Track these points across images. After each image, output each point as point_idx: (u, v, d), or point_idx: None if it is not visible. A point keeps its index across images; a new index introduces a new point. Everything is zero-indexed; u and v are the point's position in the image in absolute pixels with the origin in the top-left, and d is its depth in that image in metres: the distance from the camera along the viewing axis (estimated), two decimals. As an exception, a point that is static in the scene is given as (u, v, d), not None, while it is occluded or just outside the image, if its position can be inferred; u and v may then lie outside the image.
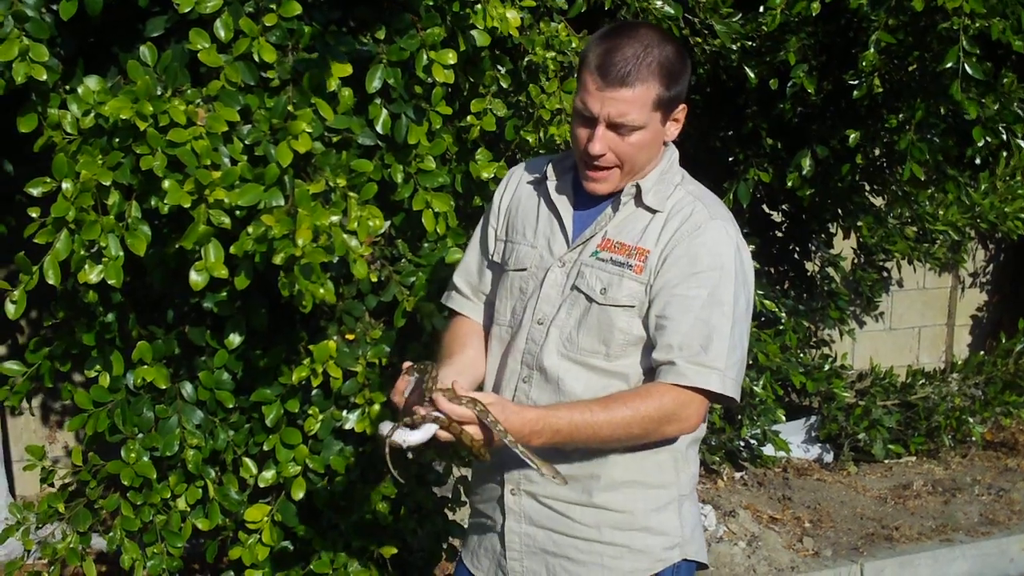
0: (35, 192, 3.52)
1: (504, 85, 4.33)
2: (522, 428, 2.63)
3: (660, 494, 2.90)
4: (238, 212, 3.49)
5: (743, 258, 2.82)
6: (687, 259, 2.76)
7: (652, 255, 2.79)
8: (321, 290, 3.47)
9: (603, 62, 2.72)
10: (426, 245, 4.24)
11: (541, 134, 4.39)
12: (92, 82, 3.60)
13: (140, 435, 4.03)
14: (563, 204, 2.94)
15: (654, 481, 2.89)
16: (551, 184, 2.98)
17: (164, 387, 4.02)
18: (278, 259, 3.35)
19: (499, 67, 4.33)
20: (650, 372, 2.79)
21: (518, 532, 2.96)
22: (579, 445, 2.75)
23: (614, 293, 2.80)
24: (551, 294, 2.89)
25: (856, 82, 5.51)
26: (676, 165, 2.93)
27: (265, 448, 4.12)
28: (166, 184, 3.41)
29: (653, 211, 2.84)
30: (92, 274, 3.46)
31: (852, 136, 5.87)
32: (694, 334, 2.71)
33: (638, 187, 2.85)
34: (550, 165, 3.00)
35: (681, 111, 2.84)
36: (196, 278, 3.49)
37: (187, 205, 3.42)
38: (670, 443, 2.86)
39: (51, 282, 3.45)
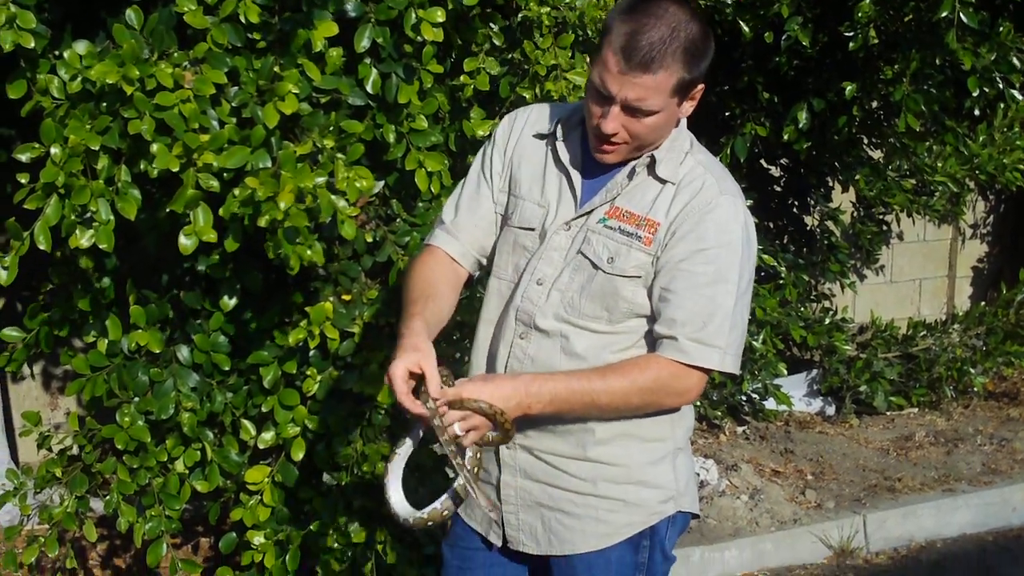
0: (23, 158, 3.52)
1: (497, 43, 4.31)
2: (514, 395, 2.64)
3: (655, 447, 2.90)
4: (225, 175, 3.49)
5: (749, 233, 2.80)
6: (695, 235, 2.73)
7: (661, 228, 2.76)
8: (308, 251, 3.48)
9: (628, 43, 2.63)
10: (420, 205, 4.24)
11: (537, 90, 4.37)
12: (80, 47, 3.59)
13: (136, 399, 4.04)
14: (572, 165, 2.91)
15: (649, 435, 2.89)
16: (560, 143, 2.93)
17: (158, 351, 4.03)
18: (263, 221, 3.35)
19: (491, 24, 4.31)
20: (650, 335, 2.79)
21: (513, 486, 2.96)
22: (578, 413, 2.75)
23: (621, 263, 2.78)
24: (553, 256, 2.87)
25: (852, 34, 5.49)
26: (684, 131, 2.89)
27: (264, 410, 4.12)
28: (154, 148, 3.41)
29: (663, 181, 2.81)
30: (83, 239, 3.45)
31: (848, 88, 5.85)
32: (698, 311, 2.71)
33: (652, 158, 2.82)
34: (559, 123, 2.95)
35: (699, 90, 2.77)
36: (185, 242, 3.50)
37: (175, 169, 3.42)
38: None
39: (42, 247, 3.45)
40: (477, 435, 2.64)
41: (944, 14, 5.03)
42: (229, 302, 4.02)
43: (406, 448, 2.79)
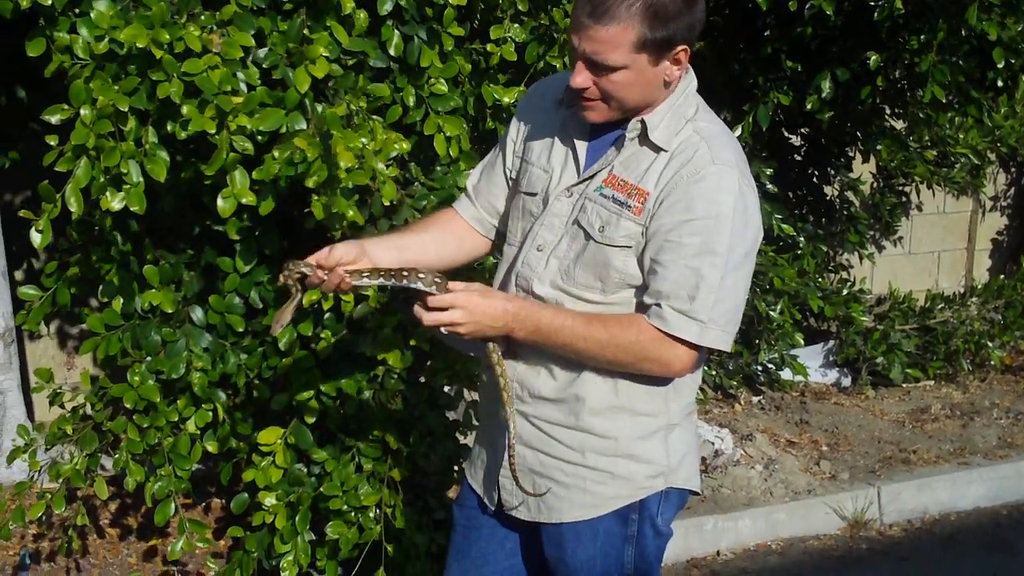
0: (52, 119, 3.51)
1: (521, 8, 4.27)
2: (503, 316, 2.69)
3: (647, 422, 2.89)
4: (260, 138, 3.49)
5: (746, 204, 2.74)
6: (683, 205, 2.70)
7: (651, 197, 2.74)
8: (351, 212, 3.48)
9: None
10: (439, 169, 4.22)
11: (566, 59, 4.34)
12: (103, 5, 3.57)
13: (148, 358, 4.04)
14: (577, 132, 2.89)
15: (642, 408, 2.87)
16: (567, 109, 2.92)
17: (171, 311, 4.03)
18: (311, 182, 3.35)
19: (516, -11, 4.29)
20: (641, 308, 2.78)
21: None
22: (557, 350, 2.77)
23: (611, 232, 2.76)
24: (554, 223, 2.87)
25: (878, 3, 5.44)
26: (691, 96, 2.84)
27: (278, 371, 4.13)
28: (185, 110, 3.40)
29: (658, 149, 2.78)
30: (114, 201, 3.46)
31: (873, 58, 5.81)
32: (682, 283, 2.69)
33: (643, 123, 2.79)
34: (567, 89, 2.91)
35: (682, 52, 2.71)
36: (223, 204, 3.51)
37: (211, 131, 3.41)
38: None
39: (72, 210, 3.47)
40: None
41: (970, -14, 5.01)
42: (246, 264, 4.02)
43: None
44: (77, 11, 3.65)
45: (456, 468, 4.49)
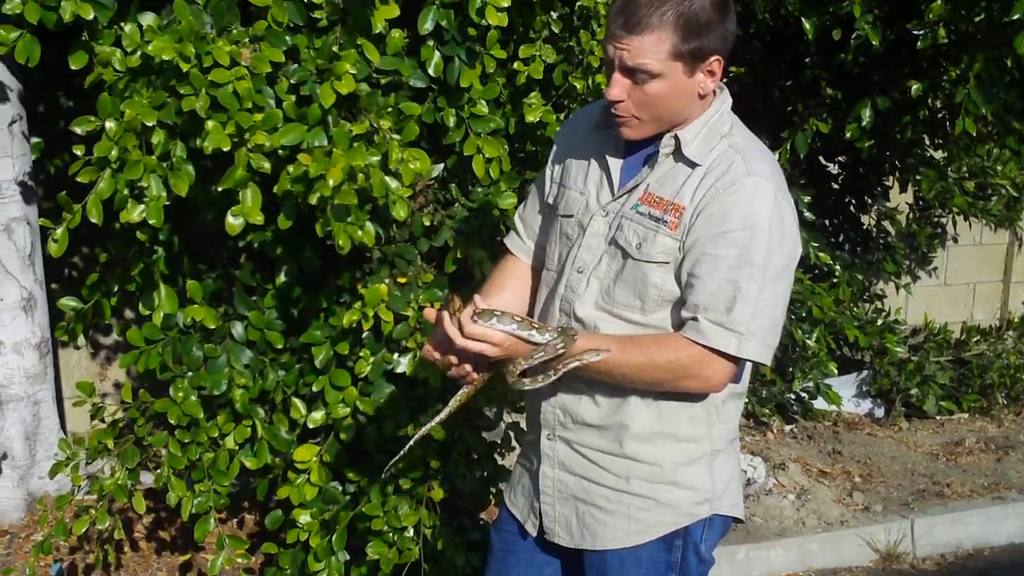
0: (79, 130, 3.56)
1: (555, 30, 4.28)
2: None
3: (691, 448, 2.87)
4: (281, 152, 3.51)
5: (783, 216, 2.73)
6: (718, 217, 2.69)
7: (687, 211, 2.73)
8: (359, 232, 3.48)
9: (623, 6, 2.66)
10: (479, 190, 4.22)
11: (589, 81, 4.36)
12: (147, 19, 3.60)
13: (189, 374, 4.05)
14: (612, 152, 2.89)
15: (685, 434, 2.86)
16: (602, 131, 2.93)
17: (213, 326, 4.04)
18: (313, 199, 3.36)
19: (551, 12, 4.29)
20: (680, 327, 2.76)
21: (551, 477, 2.96)
22: (595, 377, 2.76)
23: (648, 248, 2.76)
24: (592, 243, 2.86)
25: (921, 32, 5.42)
26: (726, 114, 2.85)
27: (315, 389, 4.13)
28: (209, 125, 3.42)
29: (693, 165, 2.77)
30: (134, 213, 3.48)
31: (915, 87, 5.78)
32: (720, 295, 2.68)
33: (677, 139, 2.79)
34: (603, 110, 2.94)
35: (715, 63, 2.72)
36: (233, 222, 3.54)
37: (227, 148, 3.43)
38: (702, 397, 2.84)
39: (94, 220, 3.49)
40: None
41: (1016, 16, 4.96)
42: (282, 280, 4.02)
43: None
44: (122, 24, 3.67)
45: (493, 490, 4.48)
